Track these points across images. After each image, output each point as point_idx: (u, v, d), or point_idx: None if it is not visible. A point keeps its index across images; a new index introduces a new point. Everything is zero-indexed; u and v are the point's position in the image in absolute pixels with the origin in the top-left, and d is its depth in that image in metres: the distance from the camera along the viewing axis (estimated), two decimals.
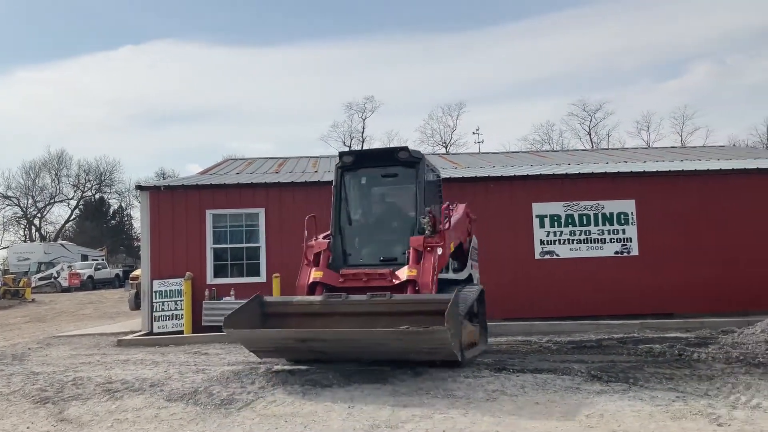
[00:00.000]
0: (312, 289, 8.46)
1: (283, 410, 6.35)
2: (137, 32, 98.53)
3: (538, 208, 14.85)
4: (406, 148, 9.22)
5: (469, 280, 10.31)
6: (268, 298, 8.80)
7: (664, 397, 6.53)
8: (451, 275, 9.60)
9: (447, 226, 9.01)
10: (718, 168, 15.71)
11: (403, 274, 8.31)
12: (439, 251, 8.42)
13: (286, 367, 8.56)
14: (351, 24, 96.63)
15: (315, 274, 8.48)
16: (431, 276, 8.20)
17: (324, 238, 9.10)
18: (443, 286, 8.62)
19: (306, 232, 8.97)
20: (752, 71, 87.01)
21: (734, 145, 39.20)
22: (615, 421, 5.70)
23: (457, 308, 7.61)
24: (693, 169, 15.63)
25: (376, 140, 65.64)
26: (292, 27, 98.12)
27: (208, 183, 15.07)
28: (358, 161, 9.46)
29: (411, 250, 8.48)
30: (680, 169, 15.61)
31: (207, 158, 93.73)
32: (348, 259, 9.16)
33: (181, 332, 13.61)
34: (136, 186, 15.85)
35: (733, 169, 15.46)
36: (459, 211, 10.55)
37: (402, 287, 8.26)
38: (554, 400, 6.56)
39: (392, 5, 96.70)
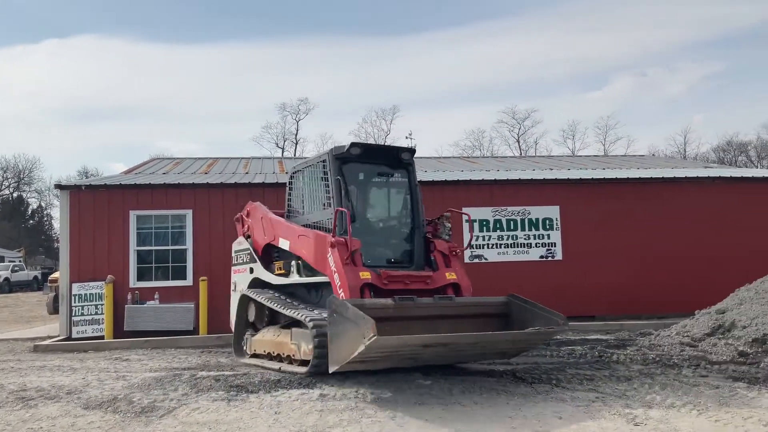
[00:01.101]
0: (361, 290, 7.85)
1: (206, 417, 6.20)
2: (62, 26, 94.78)
3: (468, 213, 15.03)
4: (412, 150, 9.20)
5: None
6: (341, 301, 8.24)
7: (584, 398, 6.73)
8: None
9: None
10: (637, 176, 16.37)
11: (444, 277, 8.34)
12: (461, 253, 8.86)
13: (211, 374, 8.38)
14: (283, 25, 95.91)
15: (363, 275, 7.88)
16: (467, 278, 8.49)
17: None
18: None
19: (335, 228, 8.18)
20: (671, 84, 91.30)
21: (653, 155, 40.97)
22: (538, 422, 5.83)
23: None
24: (614, 177, 16.24)
25: (310, 142, 65.40)
26: (222, 26, 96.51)
27: (133, 183, 14.60)
28: (364, 155, 8.89)
29: (437, 254, 8.58)
30: (602, 177, 16.20)
31: (133, 157, 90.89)
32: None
33: (102, 337, 13.15)
34: (55, 185, 15.21)
35: (651, 178, 16.16)
36: None
37: (441, 290, 8.28)
38: (480, 402, 6.66)
39: (326, 8, 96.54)
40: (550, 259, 15.15)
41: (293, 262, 9.14)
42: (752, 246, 15.35)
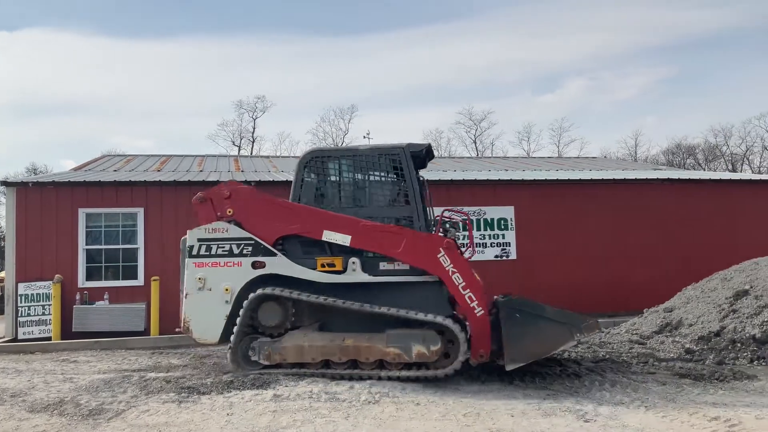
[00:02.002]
0: None
1: (156, 420, 6.07)
2: (9, 19, 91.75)
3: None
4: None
5: None
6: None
7: (536, 395, 6.84)
8: None
9: None
10: (589, 178, 16.71)
11: None
12: None
13: (162, 375, 8.22)
14: (240, 22, 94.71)
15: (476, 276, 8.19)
16: None
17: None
18: None
19: (439, 227, 8.41)
20: (622, 88, 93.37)
21: (605, 157, 41.94)
22: (491, 419, 5.89)
23: None
24: (567, 178, 16.52)
25: (267, 140, 64.72)
26: (177, 21, 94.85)
27: (82, 180, 14.23)
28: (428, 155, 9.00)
29: None
30: (555, 178, 16.46)
31: (84, 154, 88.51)
32: None
33: (49, 339, 12.78)
34: (1, 182, 14.73)
35: (603, 179, 16.53)
36: None
37: None
38: (434, 400, 6.70)
39: (283, 6, 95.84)
40: (504, 258, 15.33)
41: (355, 259, 8.25)
42: (699, 246, 15.83)
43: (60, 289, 13.04)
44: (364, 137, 74.29)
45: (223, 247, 8.63)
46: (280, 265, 8.35)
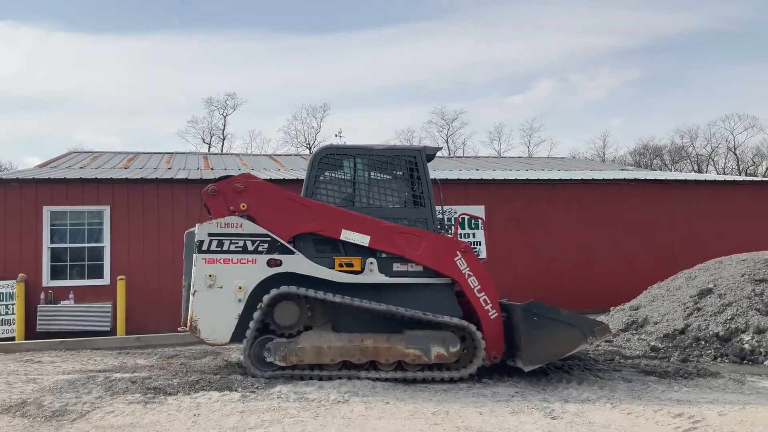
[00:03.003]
0: None
1: (121, 421, 5.97)
2: None
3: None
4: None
5: None
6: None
7: (504, 393, 6.89)
8: None
9: None
10: (558, 178, 16.87)
11: None
12: None
13: (127, 375, 8.09)
14: (210, 18, 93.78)
15: None
16: None
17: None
18: None
19: (456, 231, 8.80)
20: (591, 90, 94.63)
21: (574, 157, 42.43)
22: (459, 418, 5.91)
23: None
24: (536, 178, 16.67)
25: (238, 138, 64.16)
26: (145, 16, 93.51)
27: (47, 177, 13.95)
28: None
29: None
30: (525, 178, 16.61)
31: (49, 151, 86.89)
32: None
33: (13, 339, 12.50)
34: None
35: (571, 179, 16.70)
36: None
37: None
38: (403, 398, 6.70)
39: (255, 3, 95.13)
40: None
41: (372, 260, 8.15)
42: (665, 245, 16.11)
43: (24, 288, 12.76)
44: (336, 135, 74.16)
45: (237, 243, 8.15)
46: (298, 263, 8.06)
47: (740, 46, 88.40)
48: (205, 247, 8.08)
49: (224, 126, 61.40)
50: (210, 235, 8.11)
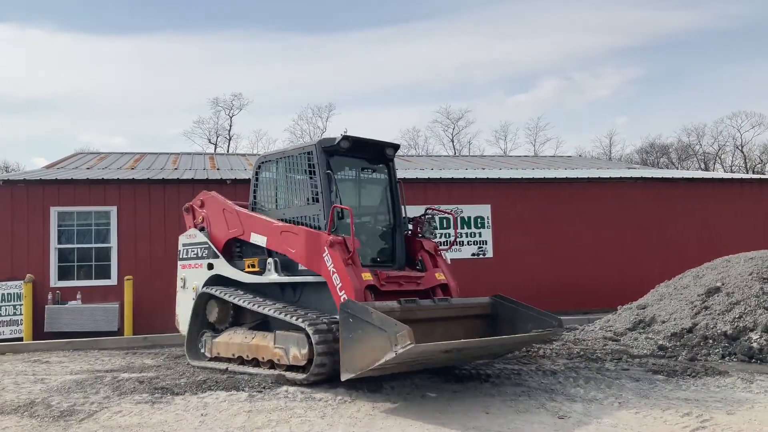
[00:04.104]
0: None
1: (129, 420, 5.99)
2: None
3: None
4: (396, 146, 8.93)
5: None
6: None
7: (511, 392, 6.86)
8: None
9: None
10: (564, 176, 16.84)
11: (433, 278, 8.25)
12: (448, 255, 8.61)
13: (135, 375, 8.11)
14: (216, 18, 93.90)
15: (366, 276, 7.53)
16: (454, 279, 8.40)
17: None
18: None
19: (330, 225, 7.77)
20: (595, 88, 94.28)
21: (580, 156, 42.32)
22: (466, 417, 5.91)
23: None
24: (542, 176, 16.64)
25: (244, 138, 64.19)
26: (150, 17, 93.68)
27: (54, 178, 14.00)
28: (352, 149, 8.48)
29: (424, 254, 8.47)
30: (531, 176, 16.58)
31: (56, 152, 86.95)
32: None
33: (21, 339, 12.56)
34: None
35: (577, 178, 16.68)
36: None
37: (429, 291, 8.15)
38: (409, 399, 6.70)
39: (260, 3, 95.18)
40: (481, 256, 15.39)
41: (270, 260, 8.49)
42: (672, 243, 16.05)
43: (31, 288, 12.82)
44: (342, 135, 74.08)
45: (194, 251, 9.85)
46: (221, 266, 9.27)
47: (743, 45, 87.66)
48: (180, 254, 10.08)
49: (230, 126, 61.49)
50: (183, 245, 10.07)
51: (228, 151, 53.98)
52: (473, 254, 15.36)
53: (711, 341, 9.13)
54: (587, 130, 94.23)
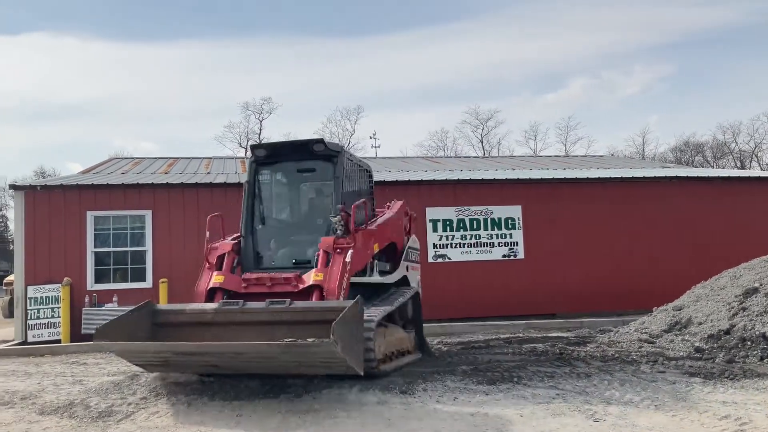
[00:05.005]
0: (211, 295, 7.74)
1: (166, 422, 6.09)
2: (11, 23, 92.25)
3: (431, 212, 15.16)
4: (322, 141, 8.38)
5: (402, 282, 9.73)
6: (160, 306, 7.94)
7: (545, 395, 6.80)
8: (375, 278, 8.91)
9: (366, 225, 8.61)
10: (597, 176, 16.66)
11: (309, 278, 7.61)
12: (351, 252, 7.72)
13: (171, 377, 8.22)
14: (245, 24, 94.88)
15: (215, 279, 7.73)
16: (338, 280, 7.52)
17: (233, 239, 8.35)
18: (362, 290, 8.13)
19: (208, 233, 8.14)
20: (626, 86, 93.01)
21: (613, 155, 41.74)
22: (499, 419, 5.88)
23: (358, 316, 6.78)
24: (574, 177, 16.47)
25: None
26: (180, 24, 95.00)
27: (90, 183, 14.30)
28: (273, 155, 8.62)
29: (321, 253, 7.78)
30: (562, 177, 16.42)
31: (89, 157, 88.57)
32: (261, 261, 8.37)
33: (59, 341, 12.84)
34: (10, 185, 14.85)
35: (610, 178, 16.47)
36: (394, 208, 10.12)
37: (308, 293, 7.56)
38: (441, 401, 6.68)
39: (288, 7, 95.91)
40: (512, 258, 15.30)
41: None
42: (708, 244, 15.75)
43: (69, 291, 13.09)
44: (370, 138, 74.29)
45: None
46: None
47: None
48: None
49: (260, 130, 62.11)
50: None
51: None
52: (504, 255, 15.27)
53: (749, 343, 8.94)
54: (619, 129, 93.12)
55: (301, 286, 7.62)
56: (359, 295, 7.27)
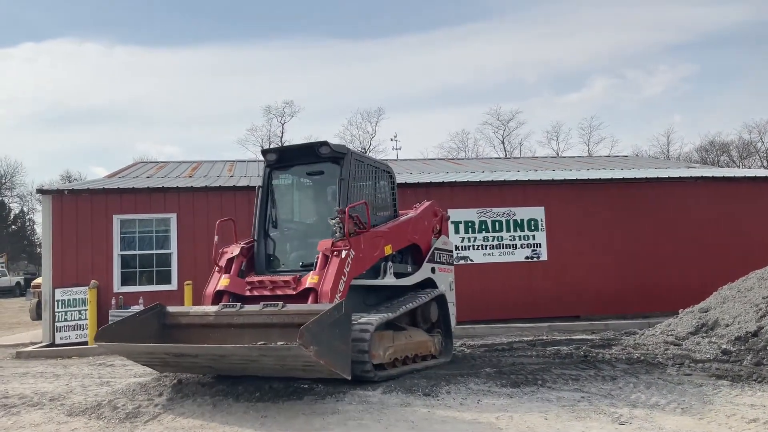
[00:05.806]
0: (219, 298, 7.93)
1: (192, 423, 6.15)
2: (36, 30, 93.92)
3: (453, 214, 15.10)
4: (326, 143, 8.48)
5: (427, 284, 9.57)
6: (169, 309, 8.03)
7: (569, 398, 6.76)
8: (388, 281, 8.82)
9: (376, 227, 8.67)
10: (621, 177, 16.50)
11: (306, 281, 7.67)
12: (346, 254, 7.70)
13: (197, 378, 8.31)
14: (266, 28, 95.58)
15: (222, 282, 7.93)
16: (333, 283, 7.51)
17: (246, 243, 8.47)
18: (374, 293, 8.44)
19: (216, 237, 8.37)
20: (649, 86, 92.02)
21: (637, 155, 41.33)
22: (524, 422, 5.85)
23: (343, 319, 6.60)
24: (597, 177, 16.35)
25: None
26: (202, 28, 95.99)
27: (116, 187, 14.50)
28: (284, 159, 8.87)
29: (320, 255, 7.83)
30: (586, 177, 16.30)
31: (114, 161, 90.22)
32: (272, 264, 8.53)
33: (86, 343, 13.02)
34: (37, 189, 15.12)
35: (634, 178, 16.29)
36: (419, 209, 10.10)
37: (306, 295, 7.61)
38: (465, 403, 6.67)
39: (309, 11, 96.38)
40: (535, 259, 15.21)
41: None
42: (735, 244, 15.52)
43: (96, 294, 13.27)
44: (391, 140, 74.37)
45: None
46: None
47: None
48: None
49: (282, 133, 62.53)
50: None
51: None
52: (527, 257, 15.20)
53: None
54: (642, 129, 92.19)
55: (299, 289, 7.74)
56: (365, 297, 7.36)
